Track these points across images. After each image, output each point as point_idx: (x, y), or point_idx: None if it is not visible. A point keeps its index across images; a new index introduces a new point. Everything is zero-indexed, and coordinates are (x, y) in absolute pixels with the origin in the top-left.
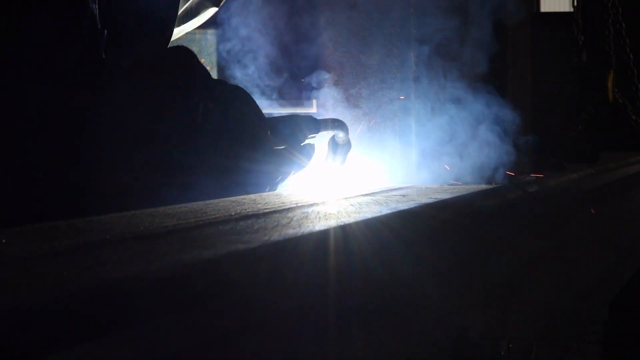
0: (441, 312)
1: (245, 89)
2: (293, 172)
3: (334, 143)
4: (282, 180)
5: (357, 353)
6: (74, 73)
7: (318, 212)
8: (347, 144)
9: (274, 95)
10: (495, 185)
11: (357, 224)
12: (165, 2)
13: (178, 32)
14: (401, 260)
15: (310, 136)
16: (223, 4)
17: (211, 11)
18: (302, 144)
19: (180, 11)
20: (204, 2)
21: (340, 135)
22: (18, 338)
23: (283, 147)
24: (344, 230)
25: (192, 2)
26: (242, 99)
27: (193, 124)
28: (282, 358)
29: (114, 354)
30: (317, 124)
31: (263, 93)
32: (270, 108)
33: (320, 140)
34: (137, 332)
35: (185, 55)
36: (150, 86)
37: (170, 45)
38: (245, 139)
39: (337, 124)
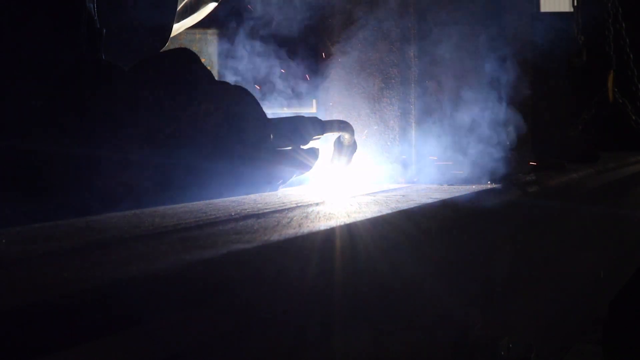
0: (441, 311)
1: (247, 89)
2: (296, 174)
3: (339, 144)
4: (284, 181)
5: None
6: (73, 73)
7: (318, 212)
8: (353, 145)
9: (274, 96)
10: (495, 186)
11: (361, 223)
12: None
13: (178, 27)
14: (401, 260)
15: (315, 137)
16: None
17: (211, 6)
18: (307, 145)
19: (179, 7)
20: None
21: (345, 136)
22: (18, 338)
23: (288, 148)
24: (344, 230)
25: None
26: (244, 100)
27: (194, 125)
28: (283, 358)
29: (114, 354)
30: (322, 125)
31: (263, 93)
32: (270, 108)
33: (325, 142)
34: (138, 332)
35: (187, 57)
36: (152, 87)
37: (171, 44)
38: (246, 139)
39: (342, 125)
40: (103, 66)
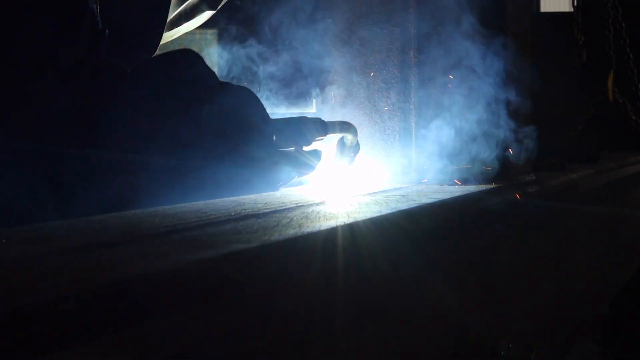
0: (441, 311)
1: (250, 89)
2: (298, 175)
3: (342, 145)
4: (285, 182)
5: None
6: (74, 73)
7: (318, 212)
8: (356, 146)
9: (274, 96)
10: (495, 185)
11: (362, 222)
12: (157, 2)
13: (172, 34)
14: (401, 260)
15: (318, 138)
16: (220, 7)
17: (207, 14)
18: (309, 146)
19: (173, 14)
20: (199, 6)
21: (348, 137)
22: (18, 338)
23: (290, 149)
24: (344, 230)
25: (186, 5)
26: (247, 101)
27: (197, 126)
28: (284, 358)
29: (115, 354)
30: (324, 126)
31: (263, 93)
32: (271, 109)
33: (328, 143)
34: (138, 332)
35: (190, 57)
36: (154, 88)
37: (171, 45)
38: (249, 140)
39: (345, 126)
40: (105, 66)
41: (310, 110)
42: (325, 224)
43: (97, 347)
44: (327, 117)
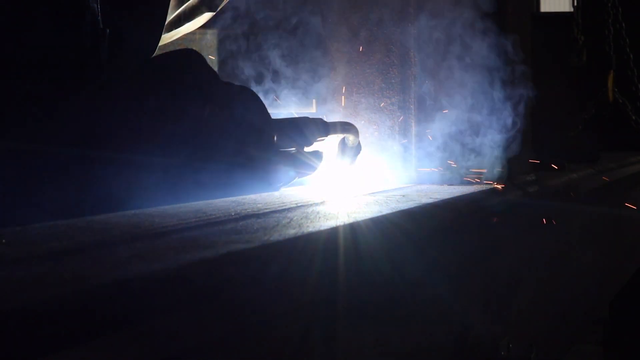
0: (442, 311)
1: (252, 90)
2: (299, 175)
3: (343, 145)
4: (285, 183)
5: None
6: (75, 73)
7: (318, 212)
8: (357, 147)
9: (274, 96)
10: (495, 185)
11: (363, 222)
12: (154, 2)
13: (171, 35)
14: (401, 260)
15: (319, 139)
16: (220, 9)
17: (206, 16)
18: (311, 147)
19: (173, 16)
20: (199, 7)
21: (350, 138)
22: (18, 338)
23: (292, 149)
24: (344, 230)
25: (185, 7)
26: (248, 101)
27: (199, 126)
28: (283, 357)
29: (114, 354)
30: (326, 127)
31: (263, 93)
32: (271, 108)
33: (329, 143)
34: (138, 332)
35: (192, 57)
36: (156, 88)
37: (170, 45)
38: (250, 140)
39: (346, 127)
40: (106, 66)
41: (311, 110)
42: (325, 224)
43: (97, 347)
44: (327, 118)
